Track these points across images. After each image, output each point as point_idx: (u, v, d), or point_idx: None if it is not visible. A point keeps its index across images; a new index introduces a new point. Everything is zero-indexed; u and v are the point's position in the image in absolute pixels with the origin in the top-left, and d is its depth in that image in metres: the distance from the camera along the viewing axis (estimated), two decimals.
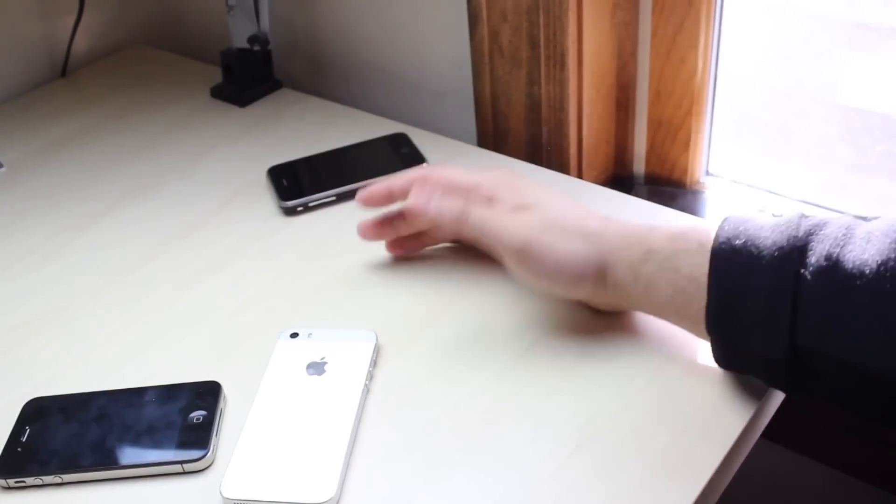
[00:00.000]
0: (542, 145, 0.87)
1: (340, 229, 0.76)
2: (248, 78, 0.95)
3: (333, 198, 0.79)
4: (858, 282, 0.49)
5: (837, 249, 0.50)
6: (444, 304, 0.67)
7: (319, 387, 0.60)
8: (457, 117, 0.94)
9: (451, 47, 0.90)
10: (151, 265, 0.74)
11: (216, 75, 0.97)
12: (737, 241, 0.53)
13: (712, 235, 0.55)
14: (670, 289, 0.56)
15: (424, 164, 0.63)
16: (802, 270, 0.50)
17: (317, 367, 0.61)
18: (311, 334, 0.63)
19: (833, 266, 0.50)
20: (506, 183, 0.63)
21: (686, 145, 0.89)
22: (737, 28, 0.84)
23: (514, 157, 0.83)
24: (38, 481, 0.55)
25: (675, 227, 0.58)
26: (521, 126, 0.87)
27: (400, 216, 0.68)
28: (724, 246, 0.53)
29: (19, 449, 0.57)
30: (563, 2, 0.78)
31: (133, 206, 0.81)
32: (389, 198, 0.68)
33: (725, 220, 0.56)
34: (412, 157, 0.81)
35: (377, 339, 0.63)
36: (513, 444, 0.56)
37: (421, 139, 0.84)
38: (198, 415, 0.58)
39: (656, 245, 0.57)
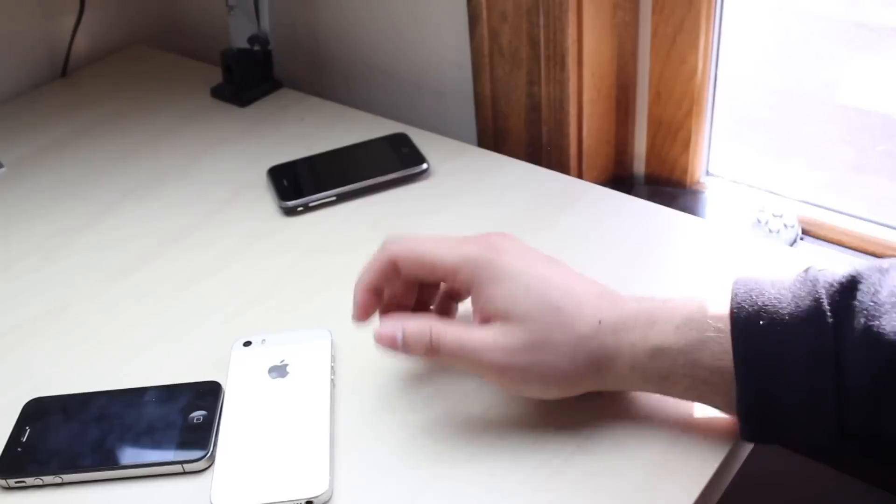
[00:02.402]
0: (542, 145, 0.87)
1: (340, 229, 0.76)
2: (248, 78, 0.95)
3: (333, 198, 0.79)
4: None
5: (874, 322, 0.46)
6: None
7: (286, 388, 0.60)
8: (457, 117, 0.94)
9: (451, 47, 0.90)
10: (151, 265, 0.74)
11: (216, 75, 0.97)
12: (760, 322, 0.49)
13: (725, 313, 0.50)
14: (688, 381, 0.52)
15: (385, 241, 0.57)
16: (841, 352, 0.47)
17: (279, 370, 0.61)
18: (264, 340, 0.63)
19: (874, 342, 0.46)
20: (486, 271, 0.54)
21: (686, 145, 0.89)
22: (737, 28, 0.84)
23: (514, 157, 0.83)
24: (38, 481, 0.55)
25: (679, 311, 0.52)
26: (521, 126, 0.87)
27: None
28: (746, 330, 0.49)
29: (19, 449, 0.57)
30: (563, 2, 0.78)
31: (133, 206, 0.81)
32: (377, 300, 0.59)
33: (735, 292, 0.51)
34: (412, 157, 0.81)
35: (332, 336, 0.63)
36: (512, 445, 0.56)
37: (421, 139, 0.84)
38: (198, 415, 0.58)
39: (664, 341, 0.52)
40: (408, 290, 0.59)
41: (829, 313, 0.48)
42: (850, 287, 0.49)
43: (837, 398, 0.47)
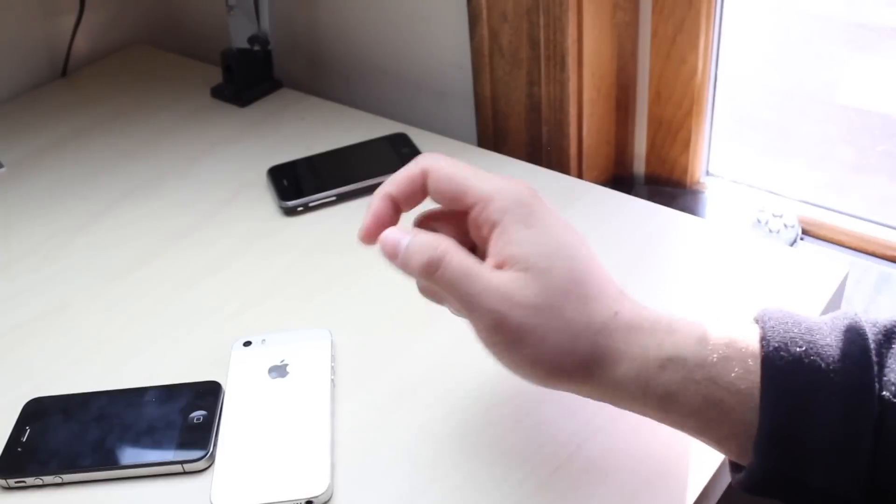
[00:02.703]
0: (542, 145, 0.87)
1: (340, 229, 0.76)
2: (248, 78, 0.95)
3: (333, 198, 0.79)
4: None
5: None
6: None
7: (286, 388, 0.60)
8: (457, 117, 0.94)
9: (451, 47, 0.90)
10: (151, 265, 0.74)
11: (216, 75, 0.97)
12: (796, 349, 0.44)
13: (755, 336, 0.45)
14: (699, 400, 0.45)
15: (426, 155, 0.52)
16: (880, 396, 0.42)
17: (279, 370, 0.61)
18: (264, 340, 0.63)
19: None
20: (523, 208, 0.48)
21: (686, 145, 0.89)
22: (737, 28, 0.84)
23: (515, 158, 0.83)
24: (38, 481, 0.55)
25: (699, 325, 0.47)
26: (521, 126, 0.87)
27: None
28: (780, 353, 0.44)
29: (19, 449, 0.57)
30: (563, 2, 0.78)
31: (133, 206, 0.81)
32: (392, 215, 0.53)
33: (766, 318, 0.46)
34: (412, 158, 0.81)
35: (332, 336, 0.63)
36: (512, 445, 0.56)
37: (421, 139, 0.84)
38: (198, 415, 0.58)
39: (682, 351, 0.46)
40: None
41: (871, 350, 0.43)
42: (895, 330, 0.44)
43: (873, 445, 0.42)
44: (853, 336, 0.44)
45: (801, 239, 0.86)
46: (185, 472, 0.56)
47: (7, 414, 0.60)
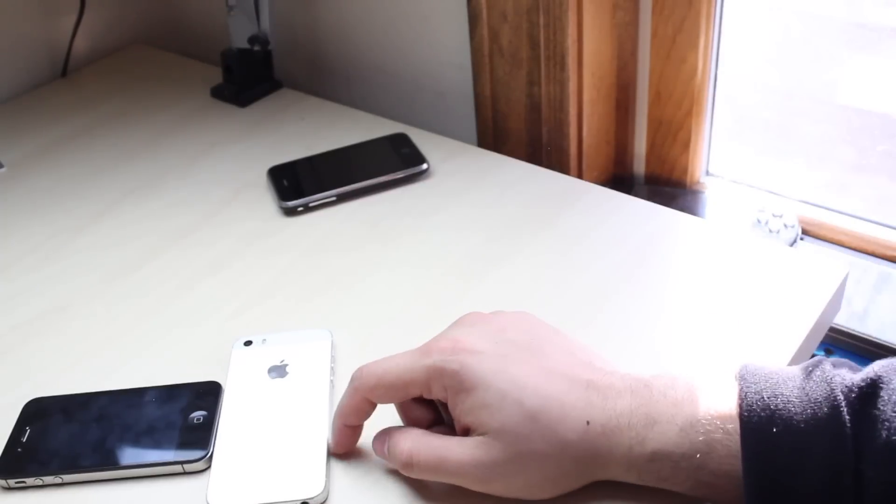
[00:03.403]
0: (542, 145, 0.87)
1: (340, 229, 0.76)
2: (248, 78, 0.95)
3: (334, 198, 0.79)
4: None
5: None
6: (446, 302, 0.67)
7: (285, 388, 0.60)
8: (457, 117, 0.94)
9: (451, 47, 0.90)
10: (151, 265, 0.74)
11: (216, 75, 0.97)
12: (773, 429, 0.45)
13: (734, 412, 0.46)
14: (691, 483, 0.48)
15: (353, 377, 0.54)
16: (861, 466, 0.43)
17: (278, 371, 0.61)
18: (265, 340, 0.63)
19: None
20: (455, 381, 0.50)
21: (686, 145, 0.89)
22: (737, 28, 0.84)
23: (515, 157, 0.83)
24: (38, 482, 0.55)
25: (682, 409, 0.48)
26: (521, 126, 0.87)
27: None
28: (758, 437, 0.45)
29: (20, 449, 0.57)
30: (563, 2, 0.78)
31: (133, 206, 0.81)
32: (355, 436, 0.56)
33: (744, 392, 0.47)
34: (412, 158, 0.81)
35: (332, 336, 0.63)
36: None
37: (421, 139, 0.84)
38: (198, 415, 0.58)
39: (665, 444, 0.47)
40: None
41: (847, 424, 0.44)
42: (870, 394, 0.45)
43: None
44: (829, 409, 0.44)
45: (801, 239, 0.86)
46: (185, 473, 0.55)
47: (7, 414, 0.60)
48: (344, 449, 0.55)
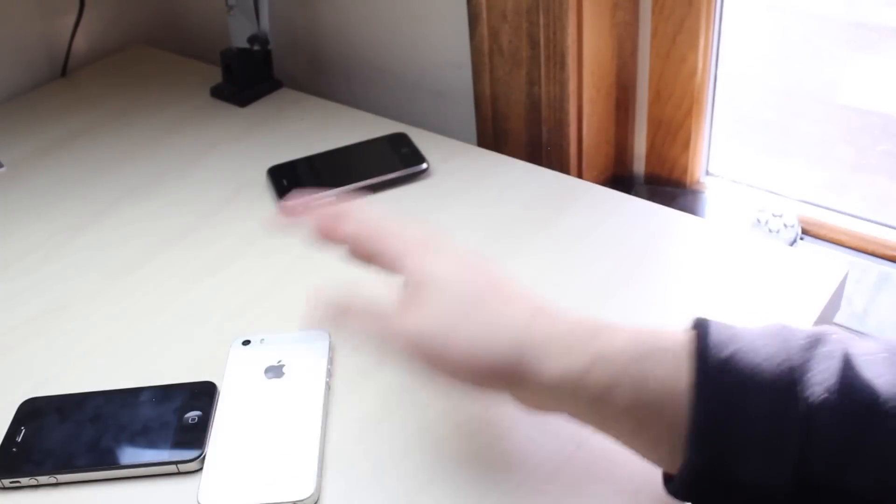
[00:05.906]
0: (542, 145, 0.87)
1: None
2: (248, 78, 0.95)
3: (333, 198, 0.79)
4: (884, 407, 0.41)
5: (850, 370, 0.43)
6: None
7: (281, 389, 0.60)
8: (457, 117, 0.94)
9: (451, 47, 0.90)
10: (151, 265, 0.74)
11: (216, 75, 0.97)
12: (726, 350, 0.44)
13: (686, 338, 0.45)
14: (630, 400, 0.45)
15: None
16: (809, 391, 0.42)
17: (275, 371, 0.61)
18: (263, 340, 0.63)
19: (848, 388, 0.42)
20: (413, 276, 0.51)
21: (686, 145, 0.89)
22: (737, 28, 0.84)
23: (514, 157, 0.83)
24: (33, 481, 0.55)
25: (630, 327, 0.47)
26: (521, 126, 0.87)
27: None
28: (711, 352, 0.44)
29: (14, 449, 0.57)
30: (563, 2, 0.78)
31: (133, 205, 0.81)
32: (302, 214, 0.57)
33: (698, 323, 0.46)
34: (412, 157, 0.81)
35: (330, 338, 0.63)
36: (511, 445, 0.56)
37: (421, 139, 0.84)
38: (193, 415, 0.58)
39: (611, 348, 0.46)
40: None
41: (804, 348, 0.44)
42: (824, 334, 0.45)
43: (801, 441, 0.42)
44: (779, 340, 0.44)
45: (801, 239, 0.86)
46: (179, 473, 0.55)
47: (4, 414, 0.60)
48: (292, 213, 0.57)
